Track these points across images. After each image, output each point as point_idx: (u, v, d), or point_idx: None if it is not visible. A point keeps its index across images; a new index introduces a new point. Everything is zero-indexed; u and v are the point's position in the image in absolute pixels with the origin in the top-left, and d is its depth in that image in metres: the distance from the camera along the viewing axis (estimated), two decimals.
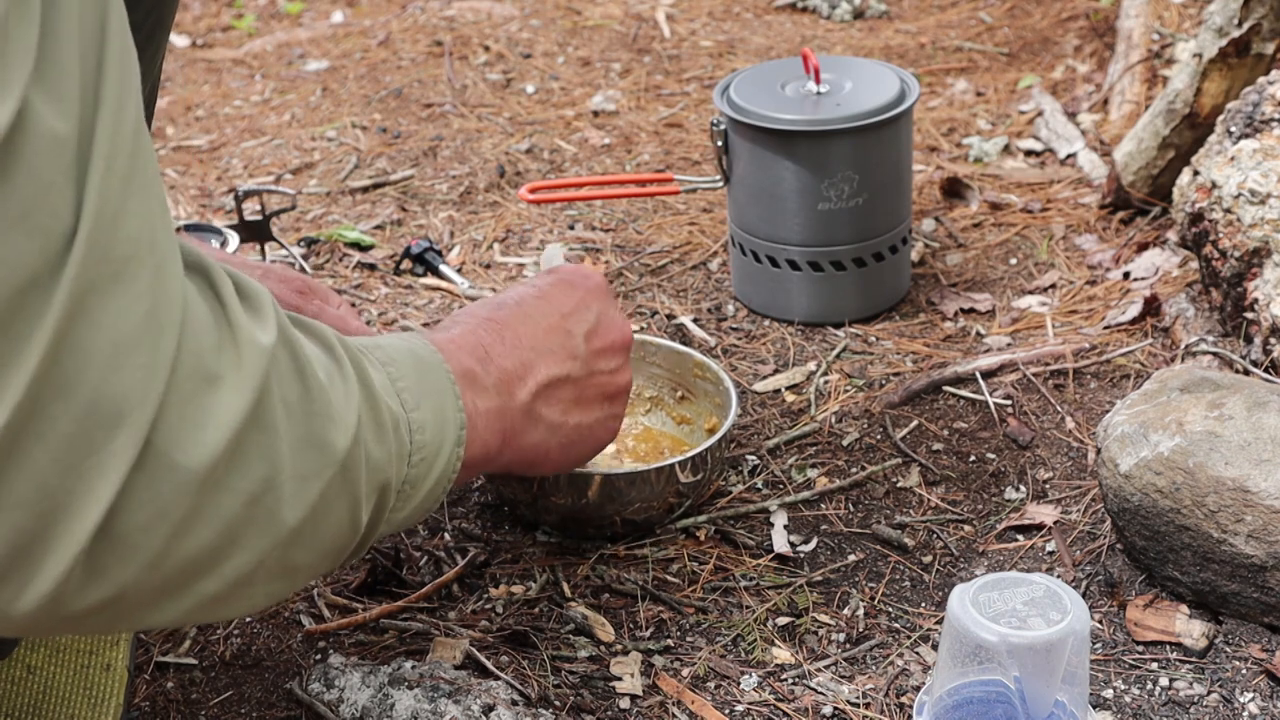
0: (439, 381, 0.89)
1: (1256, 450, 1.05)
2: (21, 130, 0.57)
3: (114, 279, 0.61)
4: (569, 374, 1.02)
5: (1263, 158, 1.38)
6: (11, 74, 0.57)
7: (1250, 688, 1.04)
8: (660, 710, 1.05)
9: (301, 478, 0.71)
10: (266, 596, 0.74)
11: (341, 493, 0.74)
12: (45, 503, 0.61)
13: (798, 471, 1.32)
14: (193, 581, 0.68)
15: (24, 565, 0.62)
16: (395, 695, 1.02)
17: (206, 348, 0.66)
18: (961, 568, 1.20)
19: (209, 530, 0.67)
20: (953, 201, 1.84)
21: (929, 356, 1.49)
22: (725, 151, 1.54)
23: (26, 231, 0.58)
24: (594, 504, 1.19)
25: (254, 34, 2.73)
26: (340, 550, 0.78)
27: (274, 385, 0.69)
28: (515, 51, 2.43)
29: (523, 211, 1.86)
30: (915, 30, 2.48)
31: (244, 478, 0.67)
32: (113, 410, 0.62)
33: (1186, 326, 1.45)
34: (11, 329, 0.58)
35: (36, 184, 0.58)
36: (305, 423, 0.71)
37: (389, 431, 0.80)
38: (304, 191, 1.96)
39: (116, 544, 0.64)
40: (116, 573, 0.64)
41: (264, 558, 0.70)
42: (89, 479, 0.62)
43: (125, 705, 1.04)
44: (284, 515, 0.70)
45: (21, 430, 0.60)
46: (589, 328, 1.04)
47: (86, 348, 0.61)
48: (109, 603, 0.65)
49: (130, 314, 0.62)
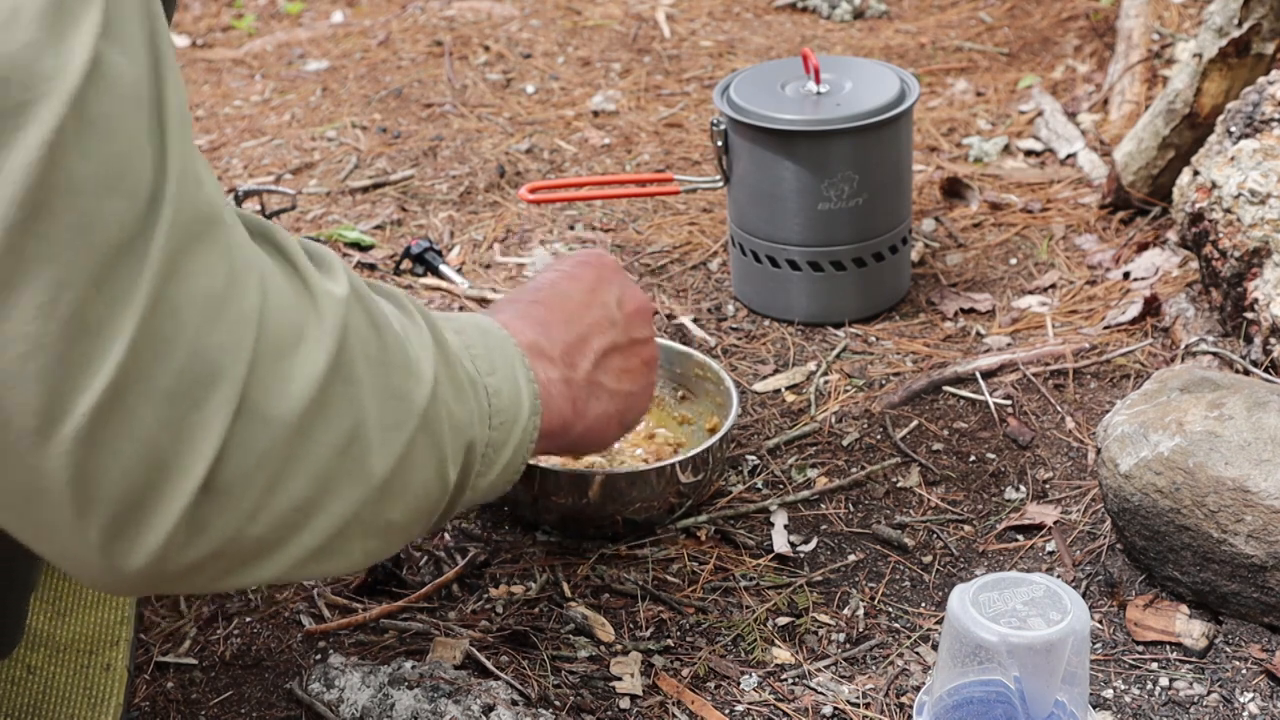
0: (507, 353, 0.90)
1: (1256, 450, 1.05)
2: (99, 81, 0.58)
3: (199, 238, 0.63)
4: (615, 341, 1.04)
5: (1263, 158, 1.38)
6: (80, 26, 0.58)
7: (1250, 688, 1.04)
8: (660, 710, 1.05)
9: (386, 427, 0.73)
10: (365, 555, 0.76)
11: (427, 445, 0.76)
12: (152, 458, 0.63)
13: (798, 471, 1.32)
14: (292, 534, 0.70)
15: (136, 521, 0.64)
16: (395, 695, 1.02)
17: (287, 303, 0.68)
18: (961, 568, 1.20)
19: (303, 481, 0.68)
20: (953, 201, 1.84)
21: (929, 356, 1.49)
22: (725, 151, 1.54)
23: (116, 190, 0.59)
24: (595, 504, 1.19)
25: (254, 34, 2.73)
26: (431, 509, 0.80)
27: (352, 337, 0.71)
28: (515, 51, 2.43)
29: (523, 211, 1.86)
30: (915, 30, 2.48)
31: (331, 428, 0.69)
32: (210, 366, 0.63)
33: (1186, 326, 1.45)
34: (109, 288, 0.60)
35: (121, 137, 0.59)
36: (385, 373, 0.73)
37: (468, 391, 0.82)
38: (304, 191, 1.96)
39: (219, 497, 0.65)
40: (220, 526, 0.66)
41: (359, 509, 0.72)
42: (192, 434, 0.63)
43: (125, 705, 1.04)
44: (372, 465, 0.72)
45: (126, 389, 0.61)
46: (617, 297, 1.06)
47: (181, 306, 0.62)
48: (215, 556, 0.67)
49: (216, 272, 0.64)
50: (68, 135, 0.57)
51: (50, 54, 0.57)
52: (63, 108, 0.57)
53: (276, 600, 1.18)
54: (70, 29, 0.57)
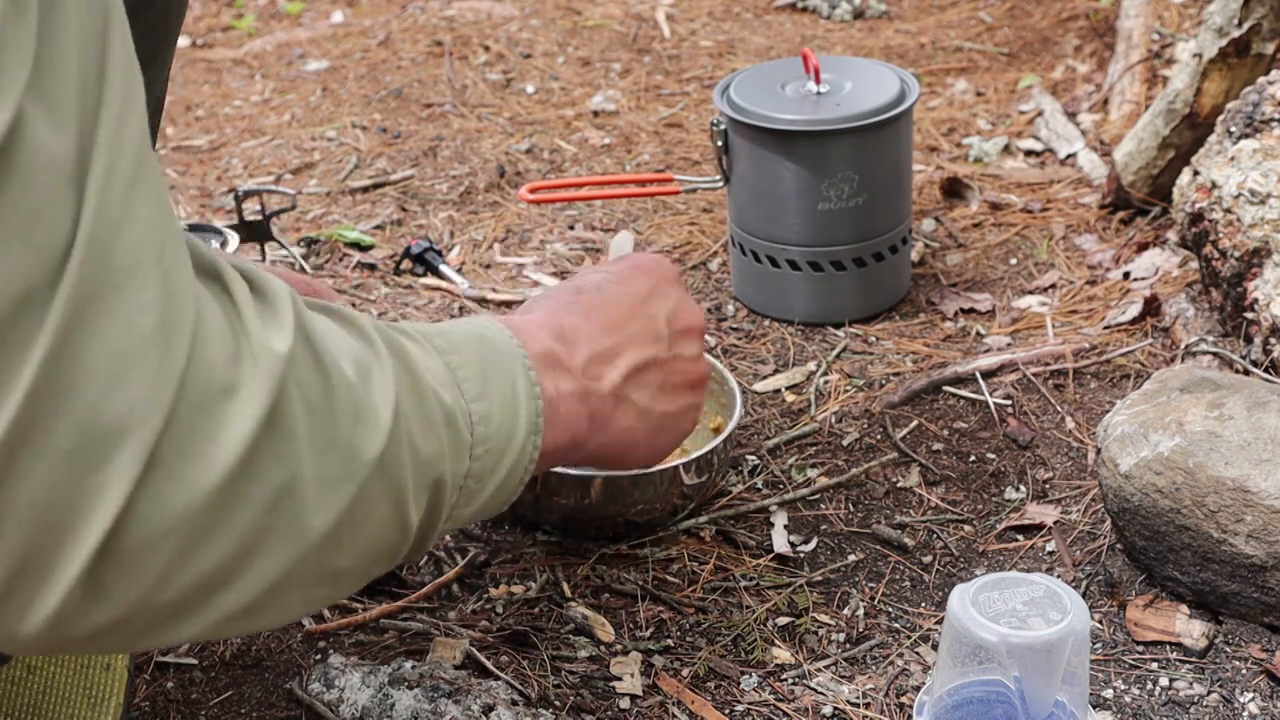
0: (510, 367, 0.85)
1: (1256, 450, 1.05)
2: (16, 141, 0.56)
3: (116, 289, 0.59)
4: (655, 357, 1.00)
5: (1263, 158, 1.38)
6: (6, 84, 0.55)
7: (1250, 688, 1.04)
8: (660, 710, 1.05)
9: (327, 480, 0.68)
10: (306, 604, 0.71)
11: (380, 494, 0.72)
12: (45, 520, 0.59)
13: (798, 471, 1.32)
14: (210, 596, 0.65)
15: (26, 585, 0.61)
16: (395, 695, 1.02)
17: (220, 357, 0.63)
18: (961, 568, 1.20)
19: (224, 543, 0.64)
20: (953, 201, 1.84)
21: (929, 356, 1.49)
22: (725, 151, 1.54)
23: (24, 243, 0.56)
24: (597, 505, 1.19)
25: (254, 34, 2.73)
26: (390, 552, 0.75)
27: (292, 389, 0.66)
28: (515, 51, 2.43)
29: (523, 211, 1.86)
30: (915, 30, 2.48)
31: (260, 486, 0.65)
32: (114, 425, 0.59)
33: (1186, 326, 1.45)
34: (8, 341, 0.57)
35: (32, 196, 0.56)
36: (329, 424, 0.68)
37: (439, 425, 0.77)
38: (304, 191, 1.96)
39: (121, 562, 0.61)
40: (123, 591, 0.62)
41: (293, 565, 0.68)
42: (90, 496, 0.60)
43: (125, 705, 1.04)
44: (309, 520, 0.68)
45: (19, 445, 0.58)
46: (669, 312, 1.02)
47: (85, 361, 0.59)
48: (119, 623, 0.63)
49: (135, 326, 0.60)
50: None
51: None
52: None
53: None
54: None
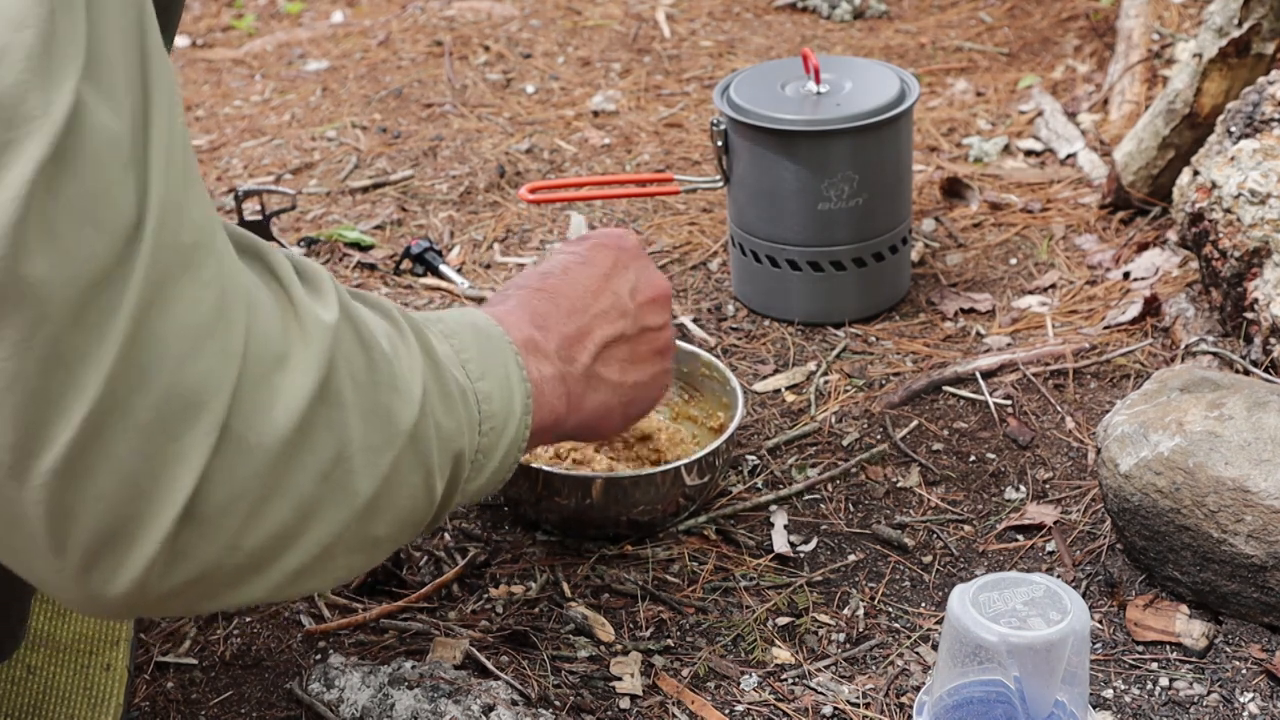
0: (501, 352, 0.90)
1: (1256, 450, 1.05)
2: (78, 126, 0.58)
3: (184, 268, 0.63)
4: (622, 332, 1.04)
5: (1263, 158, 1.38)
6: (64, 69, 0.58)
7: (1250, 688, 1.04)
8: (660, 710, 1.05)
9: (372, 449, 0.72)
10: (348, 569, 0.76)
11: (414, 463, 0.76)
12: (130, 490, 0.63)
13: (798, 471, 1.32)
14: (275, 558, 0.70)
15: (113, 551, 0.64)
16: (395, 695, 1.02)
17: (274, 329, 0.67)
18: (961, 568, 1.20)
19: (286, 507, 0.68)
20: (953, 201, 1.84)
21: (929, 356, 1.49)
22: (725, 151, 1.54)
23: (94, 227, 0.59)
24: (598, 505, 1.19)
25: (254, 34, 2.73)
26: (418, 521, 0.80)
27: (340, 360, 0.71)
28: (515, 51, 2.43)
29: (523, 211, 1.86)
30: (915, 30, 2.48)
31: (315, 453, 0.69)
32: (190, 398, 0.63)
33: (1186, 326, 1.45)
34: (86, 322, 0.60)
35: (97, 179, 0.59)
36: (372, 394, 0.73)
37: (457, 401, 0.82)
38: (304, 191, 1.96)
39: (200, 526, 0.65)
40: (201, 553, 0.66)
41: (343, 530, 0.72)
42: (171, 466, 0.63)
43: (125, 705, 1.04)
44: (357, 486, 0.72)
45: (103, 422, 0.61)
46: (632, 285, 1.05)
47: (161, 337, 0.62)
48: (196, 581, 0.67)
49: (201, 302, 0.64)
50: (47, 175, 0.58)
51: (37, 95, 0.57)
52: (44, 149, 0.57)
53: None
54: (57, 71, 0.58)
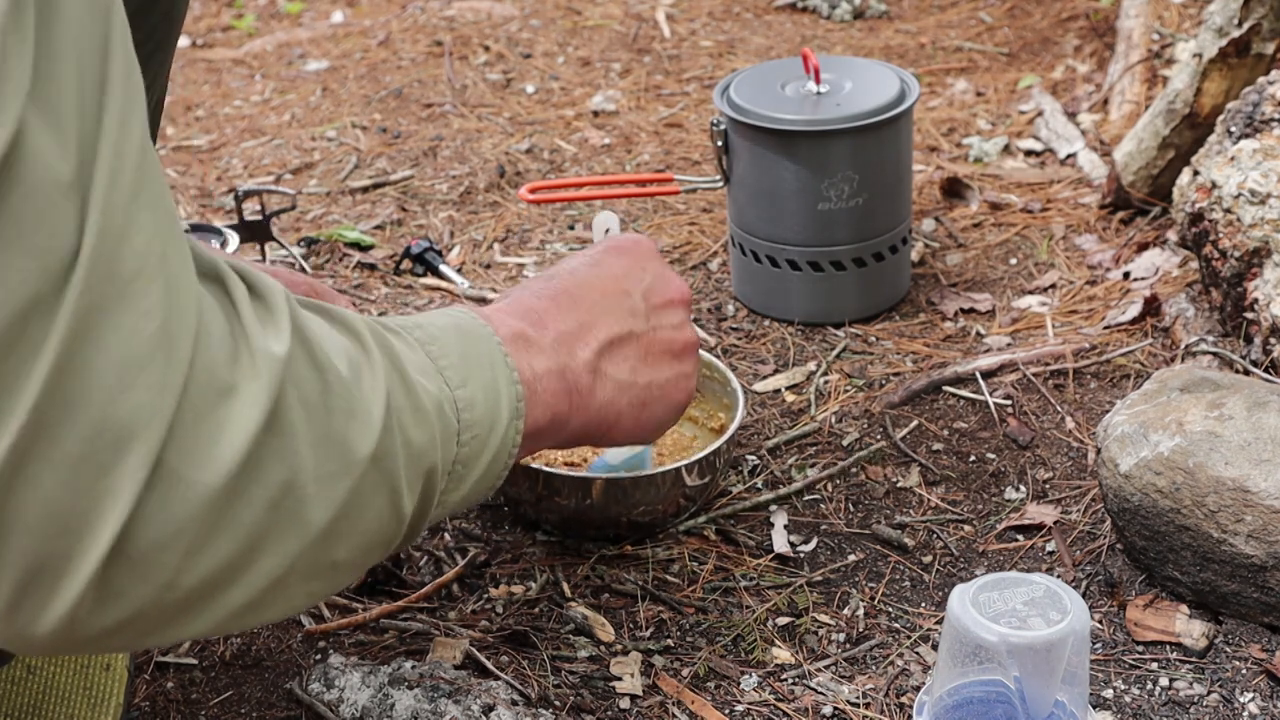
0: (487, 353, 0.87)
1: (1256, 450, 1.05)
2: (17, 153, 0.56)
3: (120, 297, 0.60)
4: (631, 330, 1.00)
5: (1263, 158, 1.38)
6: (7, 95, 0.56)
7: (1250, 688, 1.04)
8: (660, 710, 1.05)
9: (326, 476, 0.70)
10: (308, 596, 0.73)
11: (376, 485, 0.73)
12: (56, 526, 0.60)
13: (798, 471, 1.32)
14: (217, 594, 0.67)
15: (38, 590, 0.62)
16: (395, 695, 1.02)
17: (220, 360, 0.65)
18: (961, 568, 1.20)
19: (228, 542, 0.65)
20: (953, 201, 1.84)
21: (929, 356, 1.49)
22: (725, 151, 1.54)
23: (25, 252, 0.57)
24: (598, 506, 1.19)
25: (254, 34, 2.73)
26: (385, 541, 0.77)
27: (290, 389, 0.67)
28: (515, 51, 2.43)
29: (523, 211, 1.86)
30: (915, 30, 2.48)
31: (262, 485, 0.66)
32: (122, 431, 0.60)
33: (1186, 326, 1.45)
34: (15, 351, 0.57)
35: (34, 206, 0.57)
36: (326, 420, 0.70)
37: (430, 415, 0.79)
38: (304, 191, 1.96)
39: (132, 564, 0.62)
40: (133, 593, 0.63)
41: (295, 561, 0.69)
42: (100, 501, 0.61)
43: (125, 705, 1.04)
44: (310, 516, 0.69)
45: (28, 454, 0.59)
46: (645, 287, 1.03)
47: (93, 368, 0.59)
48: (128, 622, 0.65)
49: (139, 332, 0.61)
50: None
51: None
52: None
53: None
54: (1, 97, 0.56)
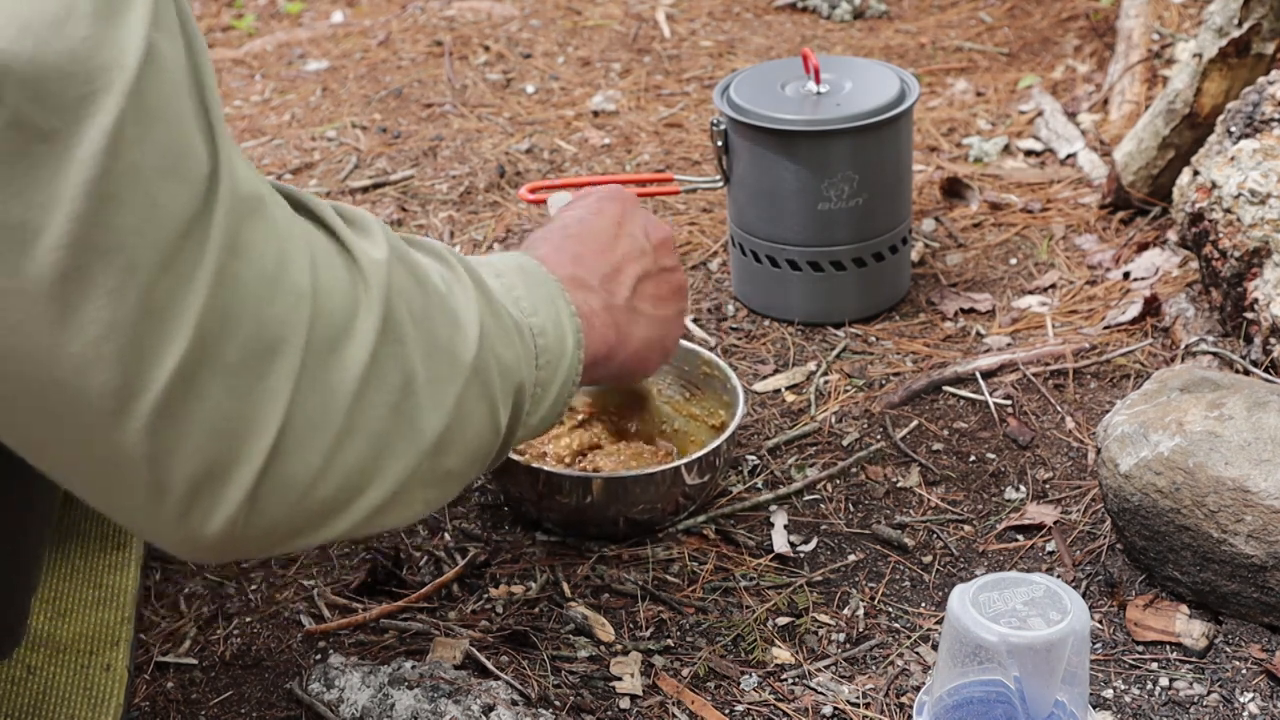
0: (549, 289, 0.93)
1: (1256, 450, 1.05)
2: (154, 72, 0.60)
3: (252, 214, 0.65)
4: (646, 269, 1.08)
5: (1263, 158, 1.38)
6: (133, 14, 0.59)
7: (1250, 688, 1.04)
8: (660, 710, 1.05)
9: (437, 382, 0.75)
10: (425, 504, 0.78)
11: (479, 395, 0.79)
12: (223, 429, 0.65)
13: (798, 471, 1.32)
14: (356, 495, 0.72)
15: (210, 491, 0.66)
16: (395, 695, 1.02)
17: (335, 273, 0.70)
18: (961, 568, 1.20)
19: (362, 442, 0.71)
20: (953, 201, 1.84)
21: (929, 356, 1.49)
22: (725, 151, 1.54)
23: (177, 176, 0.61)
24: (598, 504, 1.19)
25: (254, 34, 2.73)
26: (485, 453, 0.82)
27: (397, 297, 0.73)
28: (515, 51, 2.43)
29: (523, 211, 1.86)
30: (915, 30, 2.48)
31: (384, 390, 0.71)
32: (272, 338, 0.66)
33: (1186, 326, 1.45)
34: (175, 270, 0.62)
35: (177, 125, 0.61)
36: (431, 330, 0.75)
37: (514, 335, 0.84)
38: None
39: (287, 463, 0.68)
40: (289, 491, 0.68)
41: (417, 465, 0.75)
42: (259, 404, 0.66)
43: (125, 705, 1.04)
44: (424, 423, 0.74)
45: (195, 365, 0.63)
46: (642, 227, 1.10)
47: (243, 282, 0.64)
48: (286, 519, 0.69)
49: (270, 248, 0.66)
50: (129, 125, 0.59)
51: (108, 46, 0.59)
52: (122, 99, 0.59)
53: (276, 600, 1.18)
54: (123, 20, 0.59)
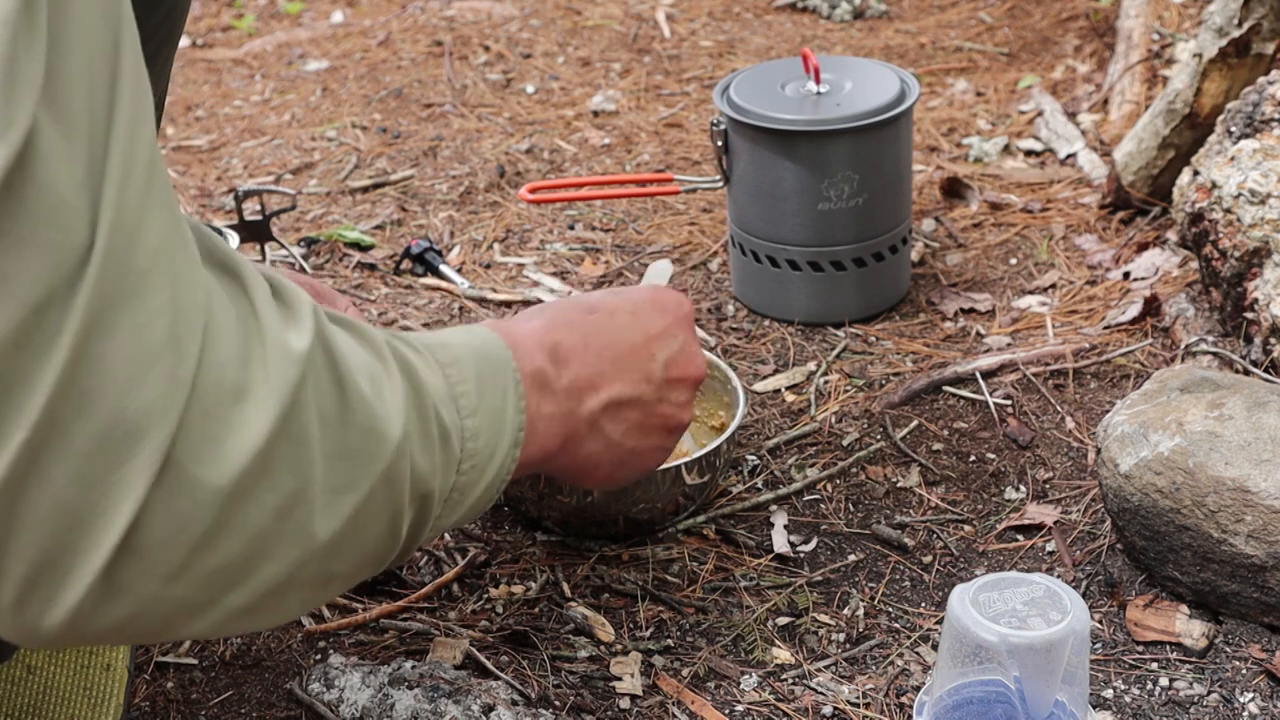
0: (503, 382, 0.87)
1: (1256, 450, 1.05)
2: (31, 152, 0.57)
3: (133, 293, 0.61)
4: (640, 396, 1.00)
5: (1263, 158, 1.38)
6: (22, 96, 0.56)
7: (1250, 688, 1.04)
8: (660, 710, 1.05)
9: (336, 490, 0.70)
10: (301, 605, 0.73)
11: (382, 505, 0.73)
12: (67, 520, 0.61)
13: (798, 471, 1.32)
14: (220, 595, 0.67)
15: (48, 582, 0.62)
16: (395, 695, 1.02)
17: (232, 359, 0.65)
18: (961, 568, 1.20)
19: (234, 544, 0.66)
20: (953, 201, 1.84)
21: (929, 356, 1.49)
22: (725, 151, 1.54)
23: (37, 248, 0.57)
24: (598, 503, 1.19)
25: (254, 34, 2.73)
26: (380, 558, 0.77)
27: (308, 395, 0.68)
28: (515, 51, 2.43)
29: (523, 211, 1.86)
30: (915, 30, 2.48)
31: (272, 491, 0.66)
32: (133, 426, 0.61)
33: (1186, 326, 1.45)
34: (30, 346, 0.58)
35: (46, 203, 0.57)
36: (342, 434, 0.70)
37: (436, 443, 0.79)
38: (304, 191, 1.96)
39: (139, 559, 0.63)
40: (139, 587, 0.64)
41: (297, 569, 0.70)
42: (110, 496, 0.61)
43: (125, 705, 1.04)
44: (316, 527, 0.69)
45: (41, 448, 0.59)
46: (670, 356, 1.02)
47: (106, 364, 0.60)
48: (134, 616, 0.65)
49: (151, 328, 0.61)
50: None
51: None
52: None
53: None
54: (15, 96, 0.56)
